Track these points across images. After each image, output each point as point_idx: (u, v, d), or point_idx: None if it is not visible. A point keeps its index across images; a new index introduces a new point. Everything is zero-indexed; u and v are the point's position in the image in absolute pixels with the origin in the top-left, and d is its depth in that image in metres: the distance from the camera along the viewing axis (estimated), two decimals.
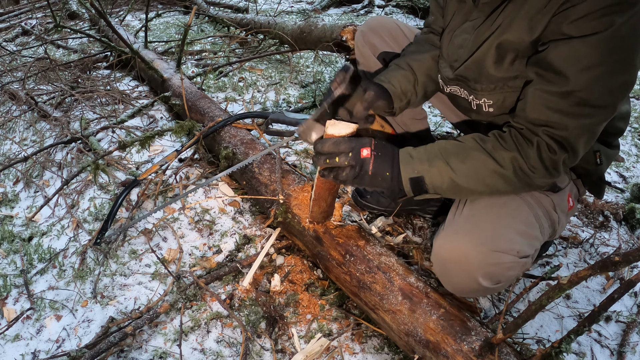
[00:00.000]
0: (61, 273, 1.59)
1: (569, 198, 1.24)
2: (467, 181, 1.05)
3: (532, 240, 1.13)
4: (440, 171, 1.06)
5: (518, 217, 1.12)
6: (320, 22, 2.83)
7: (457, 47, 1.19)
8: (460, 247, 1.08)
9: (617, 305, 1.47)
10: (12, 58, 3.70)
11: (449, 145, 1.09)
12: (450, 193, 1.09)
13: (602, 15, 0.88)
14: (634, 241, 1.75)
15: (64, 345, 1.36)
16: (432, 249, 1.16)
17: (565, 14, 0.93)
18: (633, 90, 3.17)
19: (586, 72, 0.92)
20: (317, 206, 1.35)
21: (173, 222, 1.75)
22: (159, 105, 2.61)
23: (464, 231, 1.11)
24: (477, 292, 1.17)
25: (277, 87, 2.87)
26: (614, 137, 1.23)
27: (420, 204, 1.72)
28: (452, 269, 1.12)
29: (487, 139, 1.06)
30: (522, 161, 1.00)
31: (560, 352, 0.90)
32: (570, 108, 0.95)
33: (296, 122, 1.71)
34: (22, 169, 2.17)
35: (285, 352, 1.31)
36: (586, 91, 0.93)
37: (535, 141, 0.99)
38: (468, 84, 1.19)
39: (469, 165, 1.04)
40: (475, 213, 1.13)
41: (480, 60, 1.12)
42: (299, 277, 1.51)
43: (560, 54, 0.94)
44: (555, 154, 0.98)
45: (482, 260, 1.06)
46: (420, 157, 1.08)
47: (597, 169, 1.22)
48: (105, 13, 3.52)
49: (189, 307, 1.42)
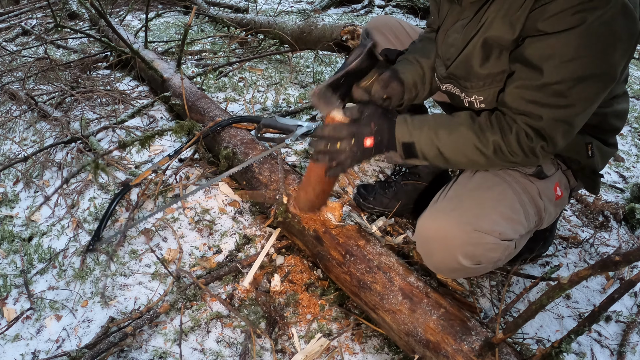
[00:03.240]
0: (61, 273, 1.59)
1: (556, 187, 1.26)
2: (450, 152, 1.11)
3: (516, 225, 1.16)
4: (429, 140, 1.12)
5: (502, 201, 1.16)
6: (320, 22, 2.83)
7: (449, 46, 1.23)
8: (442, 225, 1.13)
9: (617, 305, 1.47)
10: (12, 58, 3.70)
11: (442, 118, 1.16)
12: (436, 161, 1.15)
13: (575, 12, 0.92)
14: (634, 241, 1.75)
15: (64, 345, 1.36)
16: (416, 227, 1.20)
17: (540, 11, 0.97)
18: (633, 90, 3.16)
19: (560, 66, 0.96)
20: (303, 191, 1.34)
21: (173, 222, 1.75)
22: (159, 105, 2.61)
23: (447, 210, 1.16)
24: (457, 271, 1.20)
25: (277, 87, 2.87)
26: (609, 134, 1.24)
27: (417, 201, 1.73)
28: (434, 247, 1.16)
29: (477, 119, 1.11)
30: (503, 145, 1.05)
31: (560, 352, 0.91)
32: (544, 99, 1.00)
33: (287, 128, 1.71)
34: (22, 169, 2.17)
35: (285, 352, 1.31)
36: (560, 84, 0.98)
37: (514, 128, 1.04)
38: (459, 82, 1.23)
39: (454, 139, 1.10)
40: (459, 194, 1.18)
41: (468, 59, 1.16)
42: (299, 277, 1.51)
43: (536, 49, 0.99)
44: (532, 142, 1.03)
45: (463, 239, 1.10)
46: (414, 124, 1.14)
47: (589, 161, 1.23)
48: (105, 13, 3.52)
49: (189, 307, 1.42)
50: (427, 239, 1.17)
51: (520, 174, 1.21)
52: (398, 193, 1.70)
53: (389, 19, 1.59)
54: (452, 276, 1.45)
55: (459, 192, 1.19)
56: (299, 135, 1.68)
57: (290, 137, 1.68)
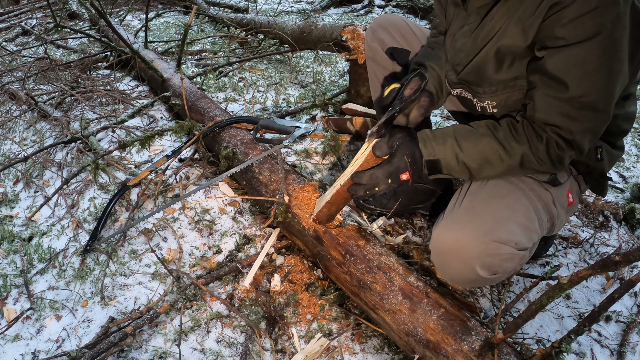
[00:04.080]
0: (61, 273, 1.59)
1: (568, 194, 1.26)
2: (476, 165, 1.11)
3: (531, 234, 1.15)
4: (453, 154, 1.11)
5: (518, 209, 1.14)
6: (320, 22, 2.83)
7: (458, 51, 1.22)
8: (458, 237, 1.11)
9: (617, 305, 1.47)
10: (12, 58, 3.70)
11: (463, 130, 1.14)
12: (461, 175, 1.15)
13: (593, 17, 0.91)
14: (634, 241, 1.75)
15: (64, 345, 1.36)
16: (431, 237, 1.18)
17: (556, 17, 0.96)
18: None
19: (584, 77, 0.96)
20: (327, 209, 1.35)
21: (173, 222, 1.75)
22: (159, 105, 2.61)
23: (463, 221, 1.13)
24: (474, 282, 1.19)
25: (277, 87, 2.87)
26: (617, 137, 1.24)
27: (422, 202, 1.73)
28: (450, 258, 1.14)
29: (500, 128, 1.10)
30: (530, 155, 1.06)
31: (560, 352, 0.91)
32: (574, 112, 1.00)
33: (285, 129, 1.71)
34: (22, 169, 2.17)
35: (285, 352, 1.31)
36: (586, 96, 0.98)
37: (545, 137, 1.04)
38: (471, 87, 1.22)
39: (479, 151, 1.10)
40: (475, 204, 1.16)
41: (480, 66, 1.16)
42: (299, 277, 1.51)
43: (558, 62, 0.99)
44: (562, 151, 1.04)
45: (480, 250, 1.08)
46: (437, 140, 1.13)
47: (599, 164, 1.23)
48: (105, 13, 3.52)
49: (189, 307, 1.42)
50: (443, 251, 1.15)
51: (535, 181, 1.20)
52: (398, 194, 1.70)
53: (395, 17, 1.59)
54: (468, 286, 1.44)
55: (474, 202, 1.17)
56: (297, 136, 1.68)
57: (289, 139, 1.67)
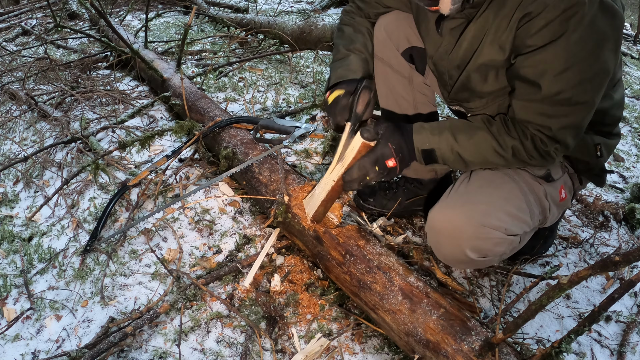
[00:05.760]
0: (61, 273, 1.59)
1: (561, 190, 1.31)
2: (470, 156, 1.16)
3: (522, 224, 1.21)
4: (449, 145, 1.16)
5: (511, 200, 1.20)
6: (320, 22, 2.83)
7: (442, 74, 1.30)
8: (452, 220, 1.18)
9: (617, 305, 1.47)
10: (12, 58, 3.70)
11: (458, 122, 1.19)
12: (456, 165, 1.20)
13: (560, 21, 0.96)
14: (634, 241, 1.75)
15: (64, 345, 1.36)
16: (427, 219, 1.25)
17: (526, 27, 1.02)
18: (633, 90, 3.16)
19: (556, 78, 1.01)
20: (323, 207, 1.37)
21: (173, 222, 1.75)
22: (159, 105, 2.61)
23: (457, 205, 1.21)
24: (465, 263, 1.27)
25: (277, 87, 2.87)
26: (612, 126, 1.29)
27: (422, 204, 1.73)
28: (443, 239, 1.21)
29: (494, 122, 1.15)
30: (521, 149, 1.11)
31: (560, 352, 0.91)
32: (550, 110, 1.05)
33: (285, 129, 1.71)
34: (22, 169, 2.17)
35: (285, 352, 1.31)
36: (560, 94, 1.02)
37: (529, 134, 1.10)
38: (462, 105, 1.31)
39: (473, 143, 1.15)
40: (470, 190, 1.23)
41: (465, 84, 1.23)
42: (299, 277, 1.51)
43: (529, 66, 1.04)
44: (546, 146, 1.09)
45: (472, 233, 1.15)
46: (432, 131, 1.18)
47: (598, 161, 1.28)
48: (105, 13, 3.52)
49: (189, 307, 1.42)
50: (436, 231, 1.22)
51: (530, 175, 1.25)
52: (398, 194, 1.70)
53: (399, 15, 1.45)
54: (460, 267, 1.51)
55: (469, 188, 1.23)
56: (297, 136, 1.68)
57: (289, 139, 1.67)
